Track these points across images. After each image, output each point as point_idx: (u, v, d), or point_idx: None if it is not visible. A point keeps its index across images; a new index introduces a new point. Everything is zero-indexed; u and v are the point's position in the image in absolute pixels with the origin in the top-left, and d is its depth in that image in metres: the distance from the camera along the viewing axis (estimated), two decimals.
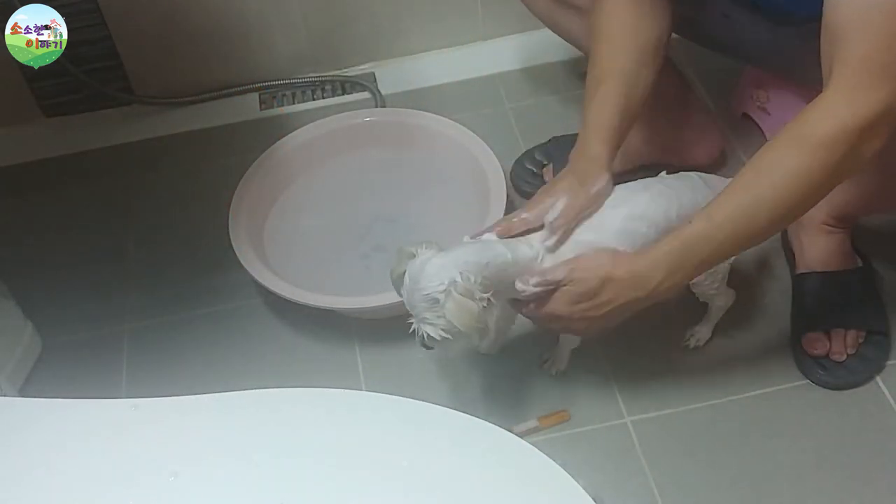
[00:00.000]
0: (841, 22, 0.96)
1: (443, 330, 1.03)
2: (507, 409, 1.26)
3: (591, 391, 1.27)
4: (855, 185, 1.21)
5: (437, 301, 1.02)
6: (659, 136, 1.46)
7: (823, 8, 0.97)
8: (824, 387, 1.24)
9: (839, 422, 1.21)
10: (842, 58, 0.96)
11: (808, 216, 1.29)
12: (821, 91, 0.98)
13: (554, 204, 1.11)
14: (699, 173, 1.20)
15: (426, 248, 1.06)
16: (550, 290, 1.07)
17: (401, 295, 1.07)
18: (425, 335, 1.04)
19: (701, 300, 1.26)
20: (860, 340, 1.25)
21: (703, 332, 1.30)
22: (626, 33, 1.17)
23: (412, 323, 1.06)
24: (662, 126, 1.46)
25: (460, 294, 1.02)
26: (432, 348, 1.07)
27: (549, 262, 1.10)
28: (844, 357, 1.24)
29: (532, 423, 1.22)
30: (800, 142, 0.98)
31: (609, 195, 1.13)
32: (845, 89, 0.96)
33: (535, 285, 1.07)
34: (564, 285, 1.06)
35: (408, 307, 1.06)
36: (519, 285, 1.07)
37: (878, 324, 1.27)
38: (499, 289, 1.07)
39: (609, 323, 1.10)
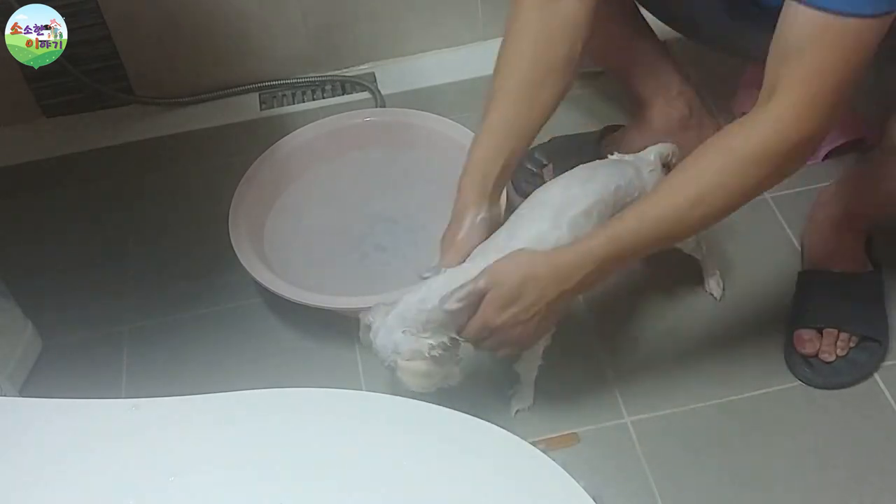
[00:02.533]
0: (791, 44, 0.97)
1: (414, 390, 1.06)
2: (507, 407, 1.26)
3: (592, 390, 1.27)
4: (866, 184, 1.22)
5: (393, 370, 1.06)
6: (659, 135, 1.45)
7: (778, 23, 0.99)
8: (809, 385, 1.24)
9: (839, 422, 1.21)
10: (787, 76, 0.98)
11: (823, 215, 1.30)
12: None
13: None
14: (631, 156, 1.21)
15: (376, 310, 1.09)
16: (477, 302, 1.06)
17: None
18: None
19: (685, 252, 1.29)
20: (852, 344, 1.25)
21: (711, 283, 1.33)
22: (525, 56, 1.15)
23: None
24: (663, 126, 1.46)
25: (407, 360, 1.04)
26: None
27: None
28: (833, 358, 1.24)
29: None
30: (731, 153, 1.01)
31: (492, 225, 1.14)
32: (786, 109, 0.98)
33: (458, 300, 1.05)
34: (487, 292, 1.05)
35: None
36: (446, 306, 1.05)
37: (874, 330, 1.26)
38: (451, 320, 1.07)
39: (544, 326, 1.10)
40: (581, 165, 1.19)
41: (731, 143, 1.02)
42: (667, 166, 1.22)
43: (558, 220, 1.10)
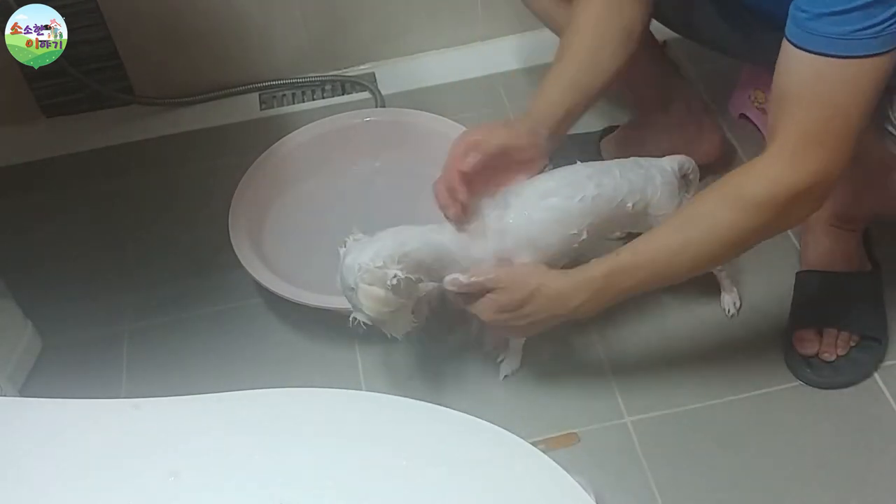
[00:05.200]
0: (789, 88, 0.98)
1: (366, 314, 1.09)
2: (507, 407, 1.26)
3: (592, 390, 1.27)
4: (860, 185, 1.22)
5: (353, 289, 1.09)
6: (659, 135, 1.46)
7: (774, 73, 0.99)
8: (809, 385, 1.24)
9: (839, 422, 1.21)
10: (784, 124, 0.98)
11: (815, 216, 1.30)
12: None
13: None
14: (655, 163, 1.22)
15: (355, 237, 1.13)
16: (477, 292, 1.11)
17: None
18: (357, 319, 1.11)
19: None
20: (852, 343, 1.25)
21: (727, 300, 1.33)
22: (590, 22, 1.19)
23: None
24: (663, 125, 1.46)
25: (367, 283, 1.07)
26: (368, 327, 1.12)
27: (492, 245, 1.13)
28: (834, 357, 1.24)
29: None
30: (734, 200, 1.02)
31: (536, 171, 1.18)
32: (784, 155, 0.98)
33: (462, 287, 1.11)
34: (491, 291, 1.10)
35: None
36: (448, 280, 1.11)
37: (874, 329, 1.26)
38: (432, 272, 1.12)
39: (528, 332, 1.17)
40: (593, 163, 1.21)
41: (727, 191, 1.03)
42: (685, 178, 1.22)
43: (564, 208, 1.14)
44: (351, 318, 1.12)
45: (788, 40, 0.96)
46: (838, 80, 0.94)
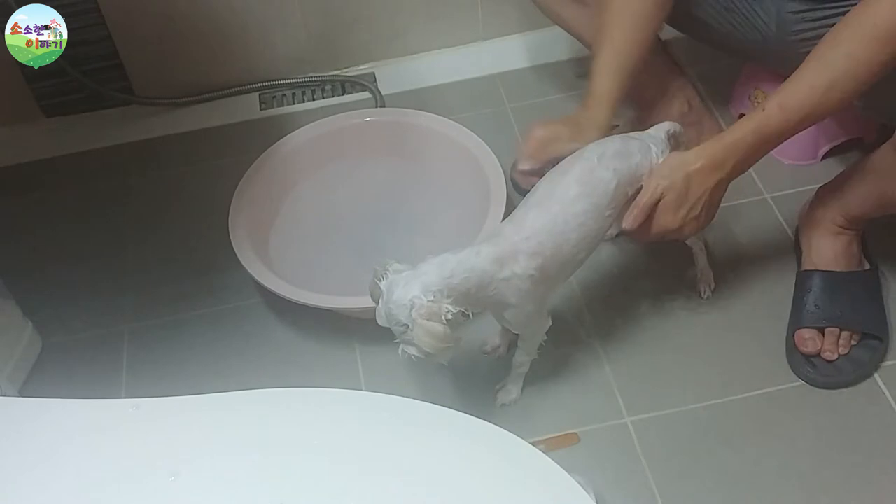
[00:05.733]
0: None
1: (423, 350, 1.05)
2: (507, 407, 1.26)
3: (592, 390, 1.27)
4: (867, 185, 1.22)
5: (407, 326, 1.04)
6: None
7: None
8: (812, 384, 1.24)
9: (839, 422, 1.21)
10: None
11: (818, 215, 1.30)
12: None
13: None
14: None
15: (395, 268, 1.08)
16: (651, 212, 1.14)
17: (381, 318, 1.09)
18: (408, 354, 1.07)
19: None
20: (853, 342, 1.25)
21: (702, 281, 1.34)
22: None
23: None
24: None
25: (425, 318, 1.03)
26: (422, 358, 1.07)
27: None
28: (836, 357, 1.24)
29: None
30: (871, 35, 1.03)
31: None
32: None
33: (640, 216, 1.14)
34: (659, 200, 1.13)
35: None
36: (625, 223, 1.15)
37: (875, 328, 1.27)
38: (479, 298, 1.09)
39: (711, 213, 1.18)
40: (598, 142, 1.20)
41: (860, 26, 1.04)
42: (674, 138, 1.23)
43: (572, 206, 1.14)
44: (400, 351, 1.08)
45: None
46: None
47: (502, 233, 1.13)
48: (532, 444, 0.77)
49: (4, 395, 1.26)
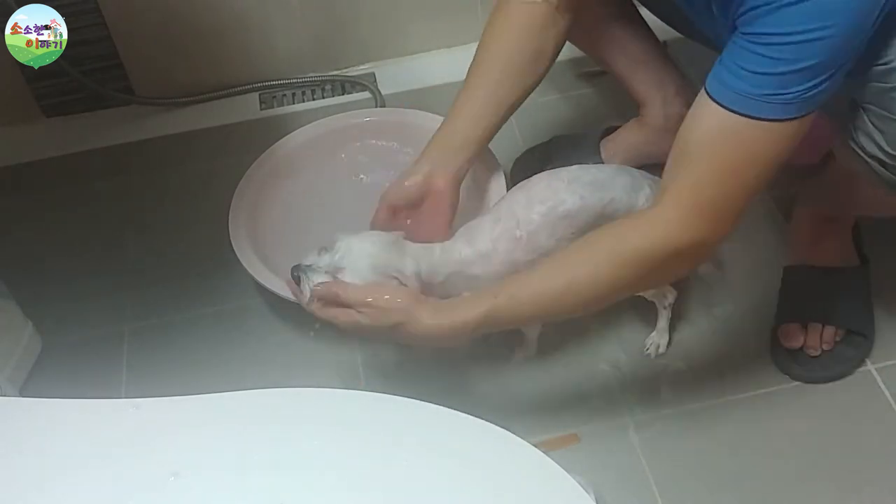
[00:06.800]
0: (692, 139, 0.97)
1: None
2: (507, 407, 1.26)
3: (592, 390, 1.27)
4: (846, 191, 1.21)
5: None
6: (659, 134, 1.46)
7: (687, 114, 0.99)
8: (794, 379, 1.24)
9: (839, 422, 1.21)
10: (681, 178, 0.98)
11: (804, 210, 1.30)
12: None
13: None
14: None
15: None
16: (336, 301, 1.07)
17: None
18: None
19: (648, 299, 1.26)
20: (837, 339, 1.25)
21: (654, 338, 1.29)
22: (507, 39, 1.22)
23: None
24: (663, 126, 1.46)
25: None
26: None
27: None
28: (819, 352, 1.24)
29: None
30: (617, 254, 1.01)
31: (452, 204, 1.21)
32: (674, 213, 0.98)
33: (319, 291, 1.09)
34: (352, 307, 1.06)
35: None
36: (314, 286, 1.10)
37: (860, 324, 1.26)
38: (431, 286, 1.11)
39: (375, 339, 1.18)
40: (581, 166, 1.19)
41: (612, 242, 1.02)
42: None
43: (549, 215, 1.13)
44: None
45: (705, 89, 0.97)
46: (742, 139, 0.94)
47: (455, 246, 1.15)
48: (532, 444, 0.77)
49: (4, 395, 1.26)
